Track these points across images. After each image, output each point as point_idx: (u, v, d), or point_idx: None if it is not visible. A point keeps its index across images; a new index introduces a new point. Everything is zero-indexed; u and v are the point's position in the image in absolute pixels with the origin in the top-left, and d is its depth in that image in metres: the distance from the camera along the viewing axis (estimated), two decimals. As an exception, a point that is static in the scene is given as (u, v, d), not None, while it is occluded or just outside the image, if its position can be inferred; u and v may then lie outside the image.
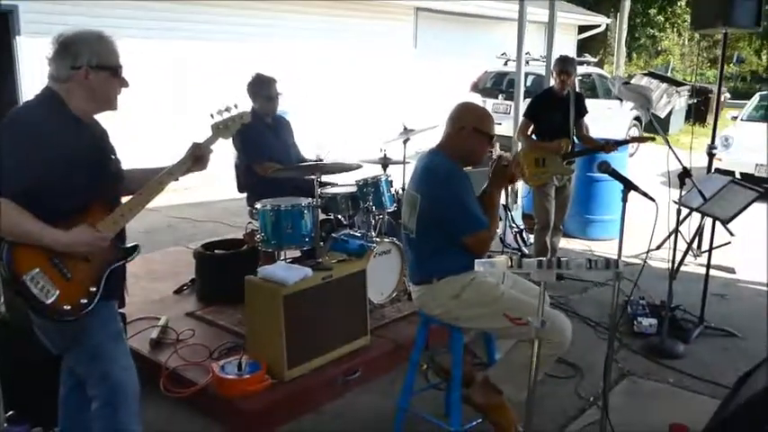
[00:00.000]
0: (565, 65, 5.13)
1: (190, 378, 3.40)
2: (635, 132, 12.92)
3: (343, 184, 4.67)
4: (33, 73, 7.82)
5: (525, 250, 5.86)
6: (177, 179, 2.46)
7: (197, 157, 2.47)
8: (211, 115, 2.56)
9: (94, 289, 2.26)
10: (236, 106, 2.59)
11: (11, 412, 2.96)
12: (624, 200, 2.65)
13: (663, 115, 14.58)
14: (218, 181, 6.87)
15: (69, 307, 2.19)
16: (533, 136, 5.30)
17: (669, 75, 19.06)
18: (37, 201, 2.11)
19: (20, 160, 2.09)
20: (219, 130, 2.54)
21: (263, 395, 3.27)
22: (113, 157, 2.45)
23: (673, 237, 4.37)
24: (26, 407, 2.99)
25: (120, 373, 2.39)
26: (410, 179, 3.00)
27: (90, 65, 2.25)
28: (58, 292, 2.15)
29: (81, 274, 2.23)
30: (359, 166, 4.39)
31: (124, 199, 2.40)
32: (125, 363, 2.43)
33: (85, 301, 2.23)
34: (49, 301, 2.13)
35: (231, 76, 8.31)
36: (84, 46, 2.25)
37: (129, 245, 2.42)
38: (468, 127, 2.86)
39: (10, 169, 2.09)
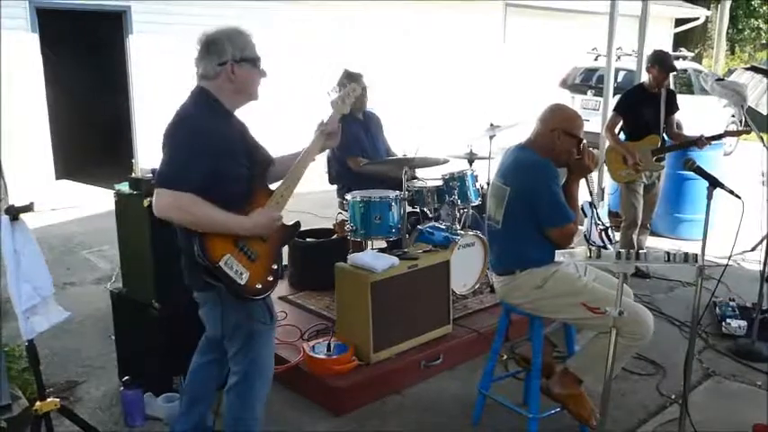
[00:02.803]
0: (664, 61, 5.03)
1: (283, 356, 3.61)
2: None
3: (430, 177, 4.80)
4: (144, 70, 8.38)
5: (610, 248, 5.79)
6: (314, 159, 2.64)
7: (329, 134, 2.64)
8: (328, 93, 2.75)
9: (275, 267, 2.44)
10: (346, 84, 2.75)
11: (126, 377, 3.29)
12: (709, 197, 2.65)
13: (766, 112, 13.81)
14: (308, 173, 7.14)
15: (260, 285, 2.36)
16: (622, 132, 5.25)
17: (774, 69, 17.95)
18: (213, 192, 2.27)
19: (193, 157, 2.26)
20: (338, 105, 2.70)
21: (350, 375, 3.45)
22: (259, 144, 2.61)
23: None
24: (140, 374, 3.31)
25: (265, 356, 2.56)
26: (497, 172, 3.11)
27: (234, 59, 2.36)
28: (248, 273, 2.32)
29: (263, 255, 2.40)
30: (445, 161, 4.52)
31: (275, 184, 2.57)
32: (271, 347, 2.61)
33: (271, 278, 2.41)
34: (243, 282, 2.30)
35: (316, 72, 8.54)
36: (227, 42, 2.37)
37: (289, 223, 2.57)
38: (558, 129, 2.95)
39: (186, 166, 2.25)
